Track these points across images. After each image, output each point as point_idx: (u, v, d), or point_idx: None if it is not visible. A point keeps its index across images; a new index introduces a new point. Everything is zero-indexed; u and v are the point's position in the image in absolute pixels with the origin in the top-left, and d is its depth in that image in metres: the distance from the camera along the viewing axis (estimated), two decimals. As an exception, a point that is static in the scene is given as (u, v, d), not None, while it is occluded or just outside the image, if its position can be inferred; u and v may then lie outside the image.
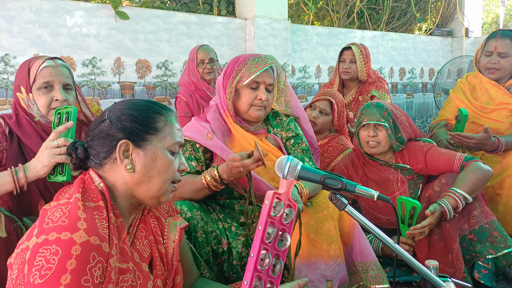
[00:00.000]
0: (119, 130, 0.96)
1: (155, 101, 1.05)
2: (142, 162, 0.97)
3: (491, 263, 1.72)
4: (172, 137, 1.01)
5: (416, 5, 5.04)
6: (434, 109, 4.86)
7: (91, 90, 2.93)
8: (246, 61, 1.61)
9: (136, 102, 1.02)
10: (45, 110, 1.48)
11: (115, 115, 0.98)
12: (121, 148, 0.95)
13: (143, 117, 0.98)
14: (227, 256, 1.50)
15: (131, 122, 0.97)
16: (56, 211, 0.86)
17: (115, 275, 0.85)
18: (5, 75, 2.64)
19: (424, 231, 1.68)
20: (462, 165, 1.80)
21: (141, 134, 0.97)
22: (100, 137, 0.98)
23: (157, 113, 1.01)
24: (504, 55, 2.33)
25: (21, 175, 1.30)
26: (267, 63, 1.59)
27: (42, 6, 2.72)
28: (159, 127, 0.99)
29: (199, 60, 2.77)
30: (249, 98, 1.62)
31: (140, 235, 1.03)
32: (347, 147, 2.39)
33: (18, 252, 0.84)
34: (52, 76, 1.47)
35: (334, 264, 1.47)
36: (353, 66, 2.86)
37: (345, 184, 1.07)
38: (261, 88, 1.61)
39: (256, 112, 1.63)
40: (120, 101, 1.03)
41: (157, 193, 1.00)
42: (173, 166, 1.01)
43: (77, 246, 0.80)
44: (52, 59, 1.51)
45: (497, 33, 2.37)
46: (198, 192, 1.51)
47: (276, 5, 3.53)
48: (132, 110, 0.99)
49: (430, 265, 1.12)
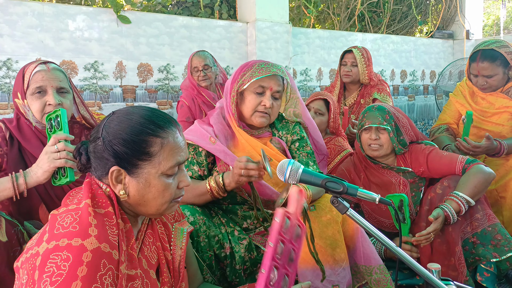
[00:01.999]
0: (111, 155, 0.91)
1: (156, 116, 0.96)
2: (135, 188, 0.93)
3: (493, 266, 1.71)
4: (169, 161, 0.94)
5: (417, 8, 5.04)
6: (436, 112, 4.86)
7: (93, 94, 2.94)
8: (252, 66, 1.60)
9: (131, 122, 0.93)
10: (39, 115, 1.46)
11: (108, 136, 0.92)
12: (113, 175, 0.91)
13: (135, 141, 0.91)
14: (230, 260, 1.50)
15: (122, 147, 0.91)
16: (66, 217, 0.85)
17: (125, 282, 0.85)
18: (7, 80, 2.65)
19: (430, 237, 1.67)
20: (464, 168, 1.80)
21: (133, 161, 0.91)
22: (95, 157, 0.95)
23: (152, 136, 0.92)
24: (489, 76, 2.32)
25: (21, 181, 1.29)
26: (271, 71, 1.56)
27: (44, 10, 2.73)
28: (153, 152, 0.92)
29: (193, 67, 2.75)
30: (254, 103, 1.58)
31: (148, 242, 1.02)
32: (344, 148, 2.38)
33: (27, 257, 0.83)
34: (44, 80, 1.44)
35: (340, 269, 1.46)
36: (354, 69, 2.86)
37: (346, 188, 1.06)
38: (267, 94, 1.58)
39: (259, 118, 1.60)
40: (116, 116, 0.96)
41: (157, 212, 0.98)
42: (170, 190, 0.96)
43: (88, 252, 0.80)
44: (44, 63, 1.48)
45: (476, 55, 2.32)
46: (200, 197, 1.51)
47: (277, 9, 3.54)
48: (125, 132, 0.91)
49: (432, 268, 1.11)
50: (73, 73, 2.86)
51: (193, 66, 2.75)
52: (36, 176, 1.30)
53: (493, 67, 2.28)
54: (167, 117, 0.98)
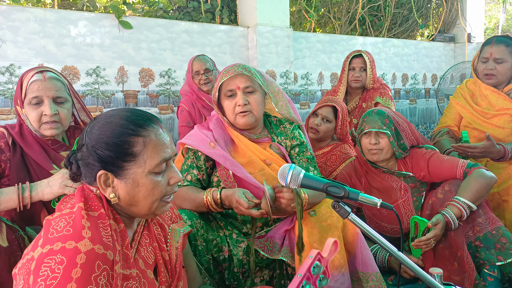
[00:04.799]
0: (96, 160, 0.92)
1: (135, 116, 0.96)
2: (124, 190, 0.94)
3: (497, 271, 1.70)
4: (154, 159, 0.94)
5: (418, 11, 5.05)
6: (437, 115, 4.85)
7: (95, 99, 2.96)
8: (221, 74, 1.63)
9: (111, 125, 0.93)
10: (36, 125, 1.46)
11: (91, 142, 0.93)
12: (101, 179, 0.92)
13: (117, 144, 0.91)
14: (228, 263, 1.50)
15: (105, 150, 0.91)
16: (60, 221, 0.86)
17: (120, 281, 0.86)
18: (10, 85, 2.67)
19: (430, 243, 1.66)
20: (465, 172, 1.79)
21: (117, 163, 0.92)
22: (83, 164, 0.96)
23: (133, 136, 0.93)
24: (500, 61, 2.33)
25: (26, 195, 1.32)
26: (236, 71, 1.58)
27: (47, 16, 2.75)
28: (136, 152, 0.92)
29: (194, 71, 2.76)
30: (230, 108, 1.60)
31: (145, 242, 1.03)
32: (350, 156, 2.37)
33: (23, 262, 0.84)
34: (40, 90, 1.44)
35: (339, 275, 1.46)
36: (363, 74, 2.82)
37: (348, 192, 1.07)
38: (238, 94, 1.59)
39: (241, 119, 1.60)
40: (97, 121, 0.96)
41: (149, 211, 0.98)
42: (159, 187, 0.96)
43: (82, 254, 0.81)
44: (41, 72, 1.47)
45: (492, 39, 2.37)
46: (197, 208, 1.53)
47: (278, 13, 3.55)
48: (106, 136, 0.92)
49: (434, 273, 1.11)
50: (75, 79, 2.87)
51: (194, 70, 2.76)
52: (42, 194, 1.33)
53: (506, 52, 2.32)
54: (147, 115, 0.98)
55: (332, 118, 2.43)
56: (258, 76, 1.64)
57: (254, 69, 1.65)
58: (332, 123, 2.43)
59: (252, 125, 1.64)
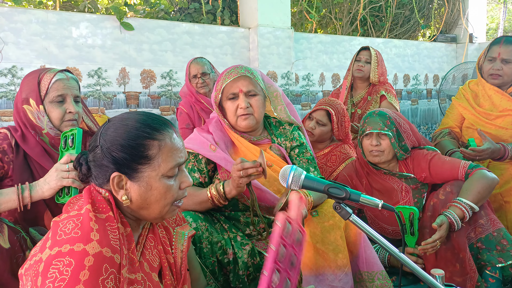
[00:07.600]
0: (110, 162, 0.93)
1: (151, 120, 0.97)
2: (137, 192, 0.94)
3: (498, 272, 1.69)
4: (168, 163, 0.95)
5: (419, 12, 5.04)
6: (439, 116, 4.84)
7: (97, 101, 2.96)
8: (222, 75, 1.63)
9: (127, 127, 0.94)
10: (58, 123, 1.51)
11: (106, 144, 0.93)
12: (114, 181, 0.93)
13: (133, 146, 0.92)
14: (233, 266, 1.50)
15: (121, 152, 0.92)
16: (68, 223, 0.86)
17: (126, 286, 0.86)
18: (13, 87, 2.67)
19: (436, 245, 1.66)
20: (466, 173, 1.79)
21: (132, 165, 0.92)
22: (95, 165, 0.96)
23: (149, 139, 0.93)
24: (507, 61, 2.33)
25: (26, 194, 1.32)
26: (239, 72, 1.58)
27: (48, 18, 2.76)
28: (151, 155, 0.93)
29: (192, 75, 2.75)
30: (232, 110, 1.61)
31: (149, 245, 1.03)
32: (349, 156, 2.37)
33: (31, 263, 0.84)
34: (65, 89, 1.50)
35: (342, 274, 1.46)
36: (367, 66, 2.97)
37: (349, 193, 1.06)
38: (240, 96, 1.59)
39: (242, 122, 1.61)
40: (112, 123, 0.97)
41: (159, 215, 0.99)
42: (172, 191, 0.97)
43: (90, 257, 0.81)
44: (62, 71, 1.54)
45: (501, 39, 2.37)
46: (201, 204, 1.52)
47: (279, 14, 3.56)
48: (122, 138, 0.93)
49: (435, 274, 1.11)
50: (76, 80, 2.88)
51: (191, 73, 2.76)
52: (42, 191, 1.34)
53: None
54: (162, 119, 0.99)
55: (326, 121, 2.43)
56: (259, 79, 1.65)
57: (256, 71, 1.66)
58: (327, 126, 2.43)
59: (253, 127, 1.65)
